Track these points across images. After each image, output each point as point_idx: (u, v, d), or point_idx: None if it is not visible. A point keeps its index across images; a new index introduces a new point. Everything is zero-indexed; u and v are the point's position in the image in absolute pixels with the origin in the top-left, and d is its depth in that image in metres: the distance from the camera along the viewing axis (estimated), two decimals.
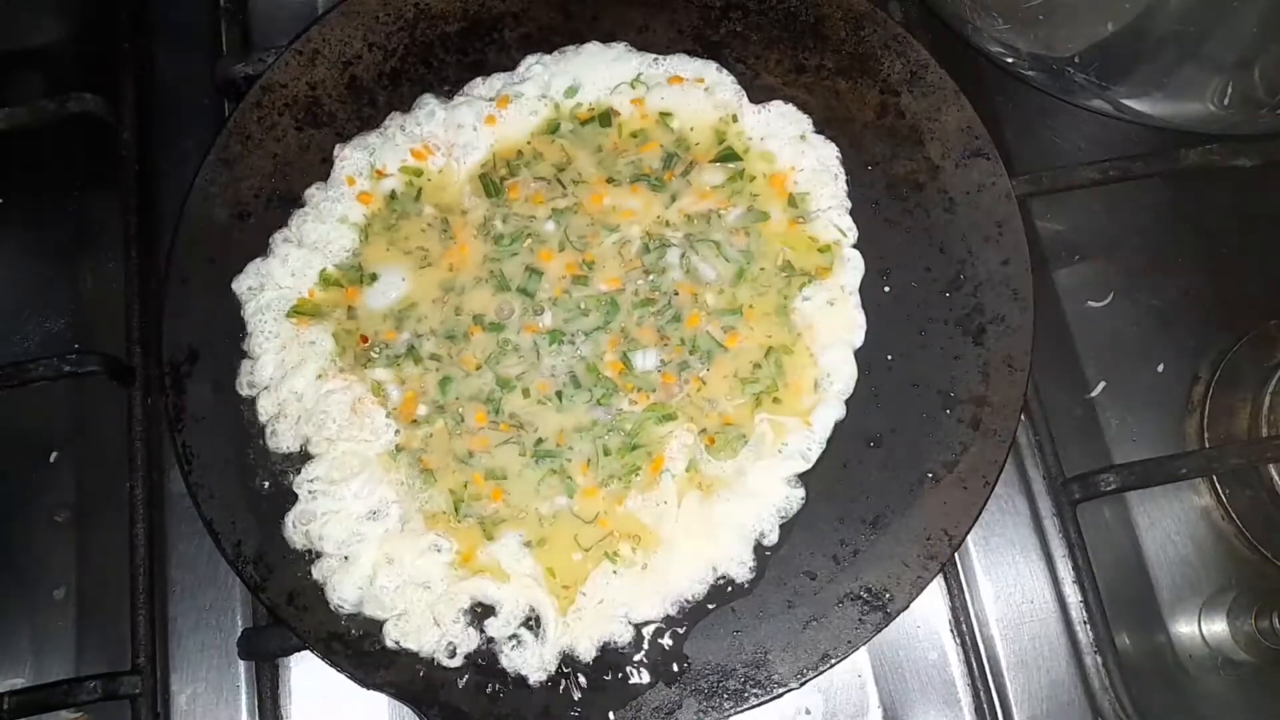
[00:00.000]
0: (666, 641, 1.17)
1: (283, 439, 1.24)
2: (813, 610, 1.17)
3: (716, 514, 1.20)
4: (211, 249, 1.32)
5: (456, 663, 1.16)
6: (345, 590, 1.18)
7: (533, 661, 1.15)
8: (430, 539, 1.19)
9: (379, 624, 1.18)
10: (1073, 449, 1.35)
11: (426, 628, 1.16)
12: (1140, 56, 1.25)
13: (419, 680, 1.16)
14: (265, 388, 1.26)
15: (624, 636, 1.16)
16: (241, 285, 1.29)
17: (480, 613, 1.18)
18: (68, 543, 1.39)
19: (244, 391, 1.26)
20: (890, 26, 1.37)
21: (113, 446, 1.35)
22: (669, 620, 1.18)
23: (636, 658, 1.17)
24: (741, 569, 1.19)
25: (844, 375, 1.25)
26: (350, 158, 1.34)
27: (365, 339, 1.28)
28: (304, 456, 1.24)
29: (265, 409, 1.25)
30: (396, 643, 1.16)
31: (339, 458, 1.22)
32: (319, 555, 1.20)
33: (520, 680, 1.15)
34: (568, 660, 1.16)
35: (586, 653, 1.16)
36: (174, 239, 1.31)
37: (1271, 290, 1.44)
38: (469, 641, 1.16)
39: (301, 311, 1.28)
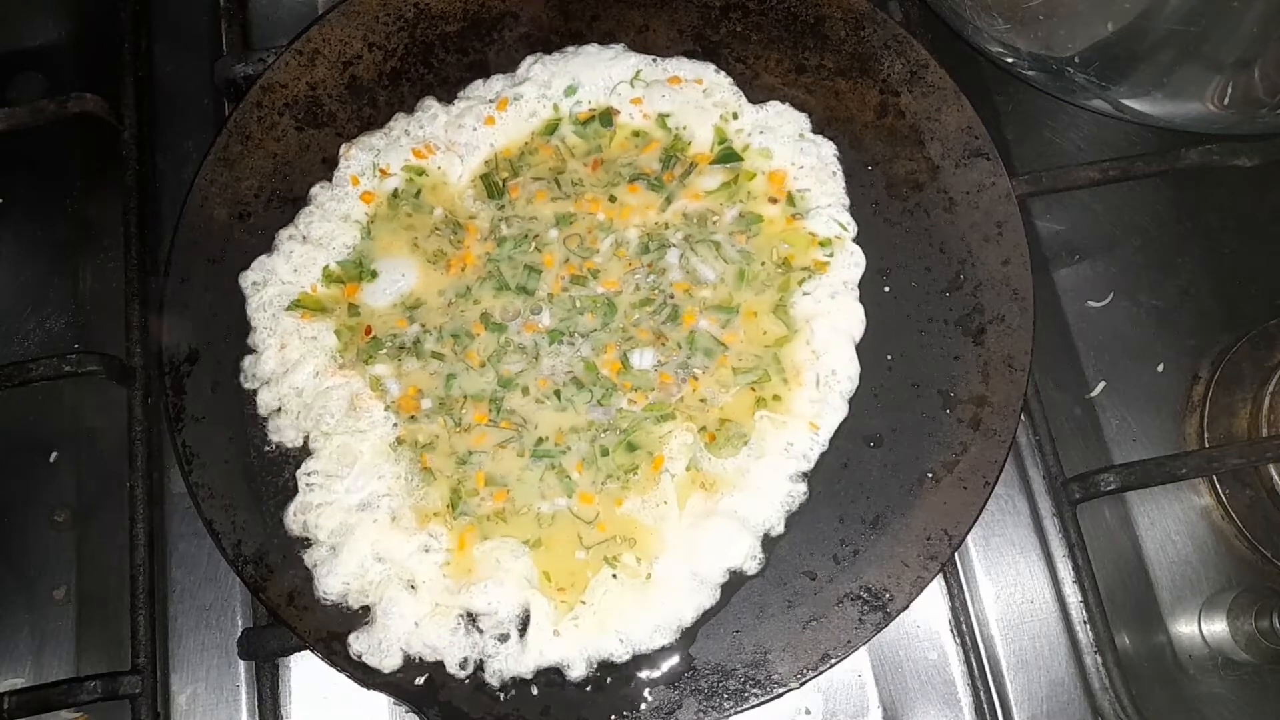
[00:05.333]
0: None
1: (284, 434, 1.25)
2: (813, 610, 1.17)
3: (722, 508, 1.20)
4: (211, 249, 1.32)
5: (456, 663, 1.16)
6: (330, 582, 1.18)
7: (527, 663, 1.15)
8: (421, 539, 1.19)
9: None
10: (1073, 449, 1.35)
11: (391, 650, 1.15)
12: (1140, 56, 1.25)
13: (419, 680, 1.16)
14: (267, 382, 1.26)
15: (622, 656, 1.16)
16: (246, 281, 1.30)
17: (476, 616, 1.18)
18: (68, 543, 1.39)
19: (246, 384, 1.27)
20: (890, 26, 1.37)
21: (113, 446, 1.36)
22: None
23: (635, 663, 1.17)
24: (752, 563, 1.19)
25: (847, 371, 1.25)
26: (357, 158, 1.35)
27: (370, 330, 1.28)
28: (304, 452, 1.24)
29: (266, 404, 1.26)
30: (359, 655, 1.15)
31: (336, 451, 1.23)
32: (313, 543, 1.20)
33: (520, 680, 1.15)
34: (564, 664, 1.16)
35: (579, 668, 1.15)
36: (174, 239, 1.32)
37: (1271, 290, 1.44)
38: (465, 646, 1.16)
39: (303, 306, 1.29)
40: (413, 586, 1.17)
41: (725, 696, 1.15)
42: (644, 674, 1.16)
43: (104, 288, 1.47)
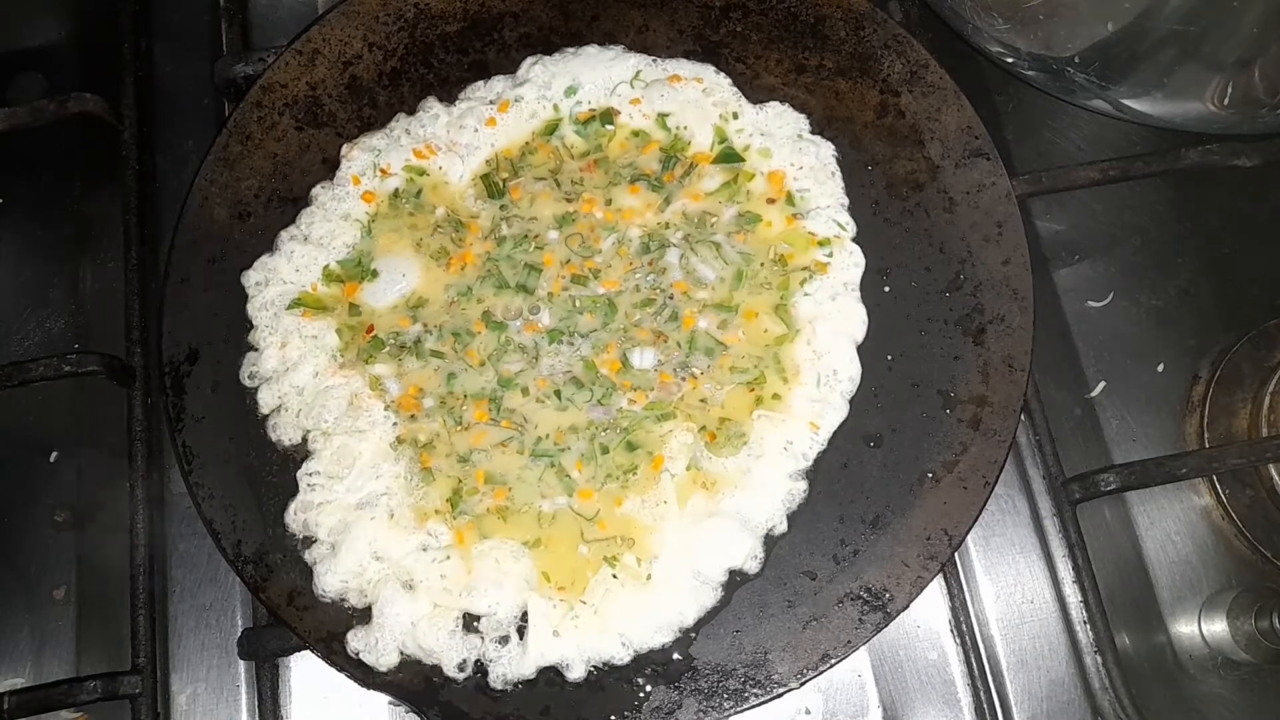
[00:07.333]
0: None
1: (284, 433, 1.25)
2: (813, 610, 1.17)
3: (723, 508, 1.20)
4: (211, 249, 1.32)
5: (454, 665, 1.16)
6: (329, 580, 1.18)
7: (528, 664, 1.15)
8: (420, 539, 1.19)
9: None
10: (1073, 449, 1.35)
11: (388, 649, 1.15)
12: (1140, 56, 1.25)
13: (419, 680, 1.16)
14: (267, 380, 1.26)
15: (623, 658, 1.16)
16: (249, 280, 1.30)
17: (475, 618, 1.18)
18: (68, 543, 1.39)
19: (246, 383, 1.27)
20: (890, 26, 1.37)
21: (113, 446, 1.36)
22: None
23: (635, 663, 1.17)
24: (753, 563, 1.19)
25: (848, 372, 1.24)
26: (358, 158, 1.35)
27: (371, 329, 1.28)
28: (304, 452, 1.24)
29: (266, 402, 1.26)
30: (356, 653, 1.16)
31: (336, 451, 1.23)
32: (313, 541, 1.20)
33: (520, 680, 1.15)
34: (564, 664, 1.16)
35: (578, 668, 1.15)
36: (174, 239, 1.32)
37: (1271, 290, 1.44)
38: (463, 648, 1.16)
39: (304, 304, 1.29)
40: (411, 586, 1.17)
41: (725, 696, 1.15)
42: (644, 674, 1.16)
43: (104, 288, 1.47)
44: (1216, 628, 1.31)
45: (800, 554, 1.20)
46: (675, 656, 1.16)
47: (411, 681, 1.16)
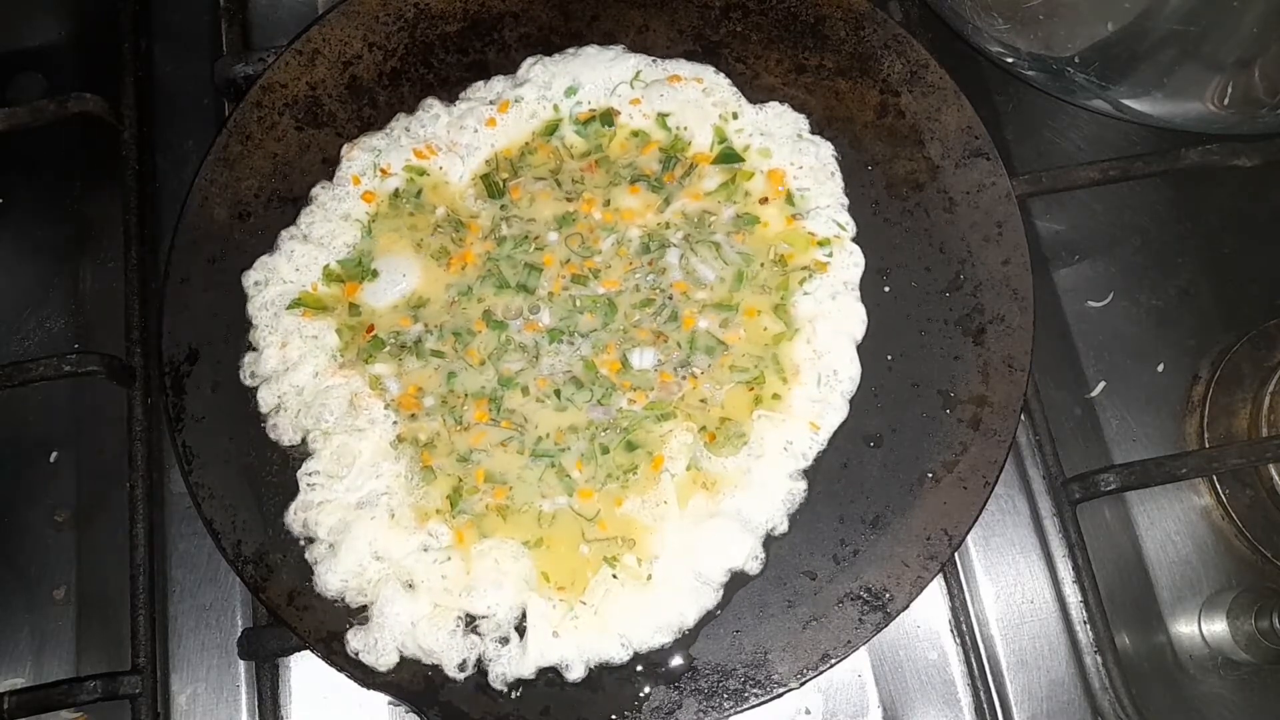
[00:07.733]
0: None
1: (283, 433, 1.25)
2: (813, 610, 1.17)
3: (724, 508, 1.20)
4: (211, 249, 1.32)
5: (454, 665, 1.16)
6: (329, 579, 1.18)
7: (528, 665, 1.15)
8: (420, 538, 1.19)
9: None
10: (1073, 449, 1.35)
11: (387, 649, 1.15)
12: (1140, 56, 1.25)
13: (419, 680, 1.16)
14: (267, 379, 1.26)
15: (623, 658, 1.16)
16: (249, 280, 1.30)
17: (475, 619, 1.18)
18: (68, 543, 1.39)
19: (247, 382, 1.27)
20: (890, 26, 1.37)
21: (113, 446, 1.36)
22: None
23: (635, 663, 1.17)
24: (754, 563, 1.19)
25: (848, 372, 1.25)
26: (358, 158, 1.35)
27: (372, 329, 1.28)
28: (304, 451, 1.24)
29: (266, 401, 1.26)
30: (356, 653, 1.16)
31: (336, 451, 1.23)
32: (313, 540, 1.21)
33: (520, 680, 1.15)
34: (564, 665, 1.16)
35: (578, 669, 1.15)
36: (174, 239, 1.32)
37: (1271, 290, 1.44)
38: (463, 648, 1.16)
39: (304, 304, 1.29)
40: (411, 586, 1.17)
41: (725, 696, 1.15)
42: (644, 674, 1.16)
43: (104, 288, 1.47)
44: (1216, 628, 1.31)
45: (800, 554, 1.20)
46: (675, 657, 1.16)
47: (411, 681, 1.16)
